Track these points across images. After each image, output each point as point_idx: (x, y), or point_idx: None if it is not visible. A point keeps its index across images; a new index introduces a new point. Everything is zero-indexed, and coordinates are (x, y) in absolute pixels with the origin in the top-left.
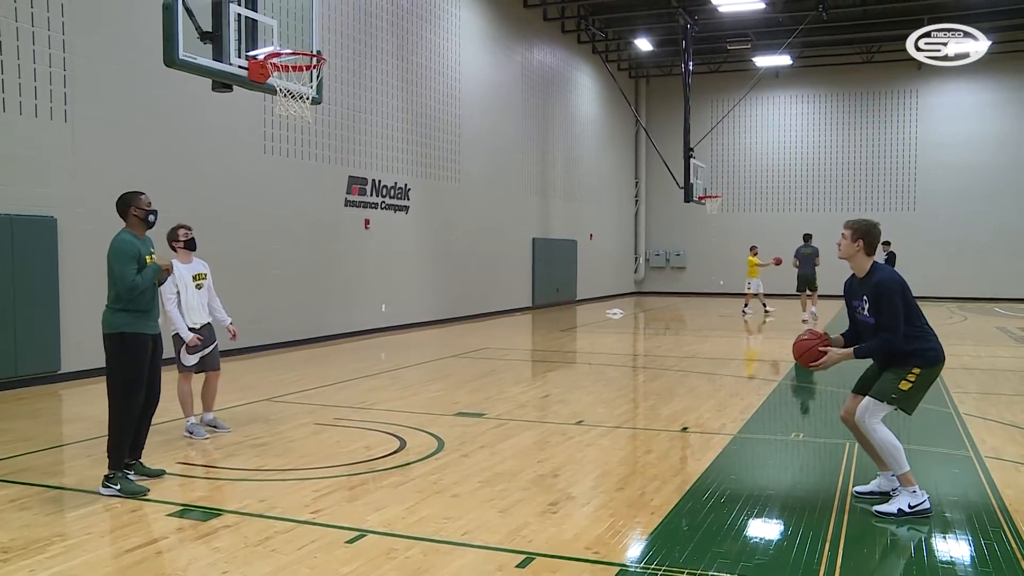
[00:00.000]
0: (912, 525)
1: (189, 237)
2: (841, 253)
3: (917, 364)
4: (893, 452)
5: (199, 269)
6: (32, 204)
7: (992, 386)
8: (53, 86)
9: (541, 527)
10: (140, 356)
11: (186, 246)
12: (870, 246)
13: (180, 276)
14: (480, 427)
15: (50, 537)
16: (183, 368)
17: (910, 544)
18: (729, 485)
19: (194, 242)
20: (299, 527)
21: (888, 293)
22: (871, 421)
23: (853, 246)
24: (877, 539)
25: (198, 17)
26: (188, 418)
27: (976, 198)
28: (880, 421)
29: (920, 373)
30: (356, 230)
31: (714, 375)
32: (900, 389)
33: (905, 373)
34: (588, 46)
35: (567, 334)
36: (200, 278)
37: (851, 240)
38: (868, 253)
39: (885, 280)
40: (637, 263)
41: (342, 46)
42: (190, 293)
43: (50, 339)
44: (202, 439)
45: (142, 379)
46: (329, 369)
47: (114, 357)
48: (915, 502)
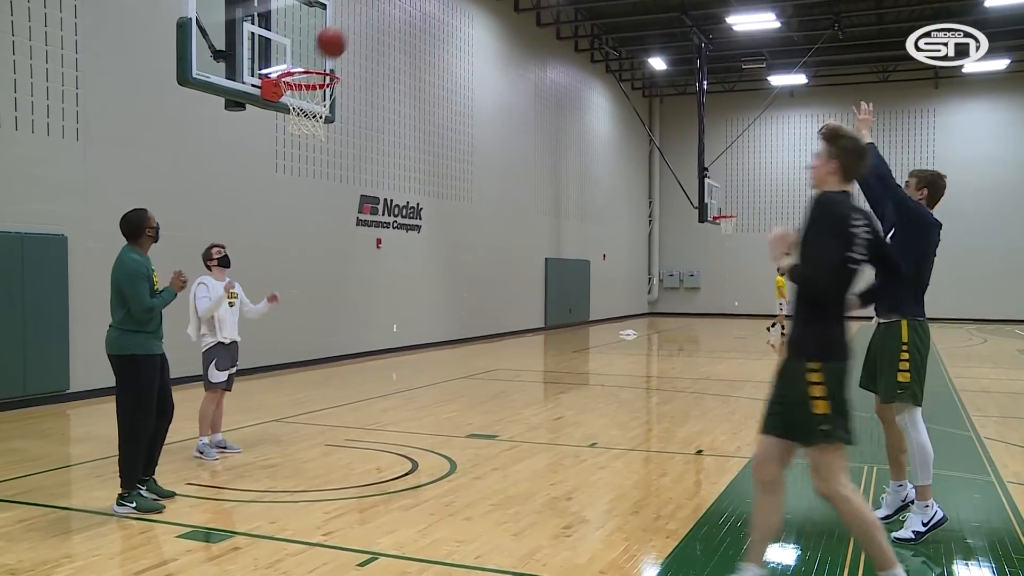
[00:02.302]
0: (933, 549)
1: (222, 255)
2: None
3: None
4: (924, 459)
5: (232, 288)
6: (42, 222)
7: (1013, 410)
8: (65, 104)
9: (555, 551)
10: (150, 377)
11: (220, 263)
12: (932, 198)
13: (214, 291)
14: (492, 449)
15: (58, 559)
16: (211, 385)
17: (932, 572)
18: (745, 509)
19: (228, 259)
20: (310, 549)
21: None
22: (911, 422)
23: (916, 195)
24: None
25: (211, 36)
26: (201, 438)
27: (995, 218)
28: (921, 422)
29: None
30: (368, 249)
31: (729, 397)
32: (900, 382)
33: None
34: (602, 65)
35: (580, 355)
36: (233, 296)
37: (915, 188)
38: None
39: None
40: (651, 283)
41: (355, 65)
42: (224, 309)
43: (59, 358)
44: (212, 460)
45: (152, 399)
46: (340, 390)
47: (125, 379)
48: (927, 518)
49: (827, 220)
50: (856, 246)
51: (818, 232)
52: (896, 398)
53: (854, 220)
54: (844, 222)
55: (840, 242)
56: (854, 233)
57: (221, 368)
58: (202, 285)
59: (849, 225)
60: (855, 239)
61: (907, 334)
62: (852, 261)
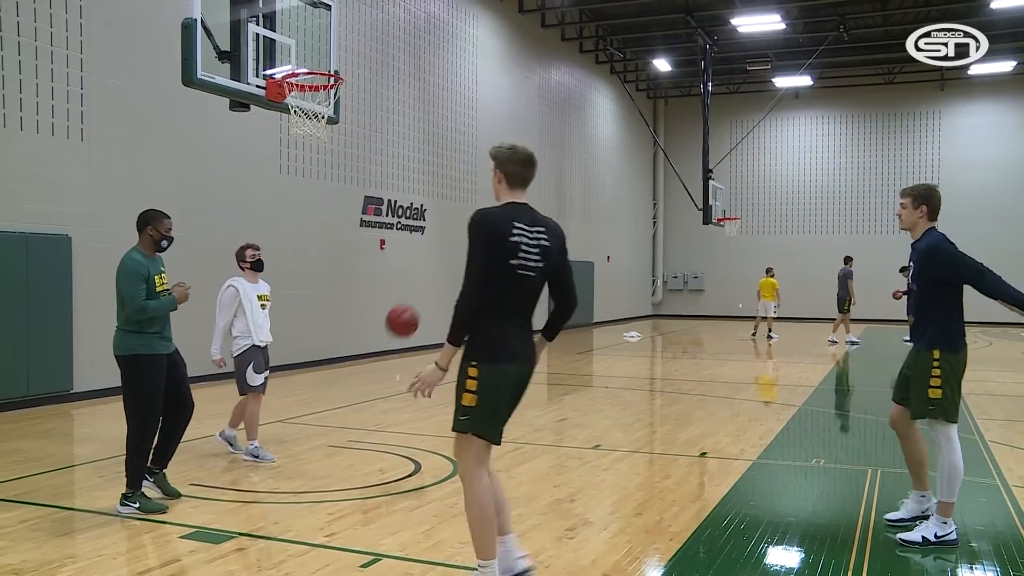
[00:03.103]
0: (938, 555)
1: (256, 258)
2: (903, 223)
3: (936, 346)
4: (953, 478)
5: (263, 290)
6: (47, 222)
7: (1018, 413)
8: (70, 104)
9: (558, 552)
10: (155, 377)
11: (252, 267)
12: (933, 212)
13: (246, 295)
14: (496, 451)
15: (61, 559)
16: (249, 388)
17: (935, 574)
18: (749, 512)
19: (261, 263)
20: (313, 551)
21: (944, 251)
22: (945, 439)
23: (915, 213)
24: (901, 570)
25: (216, 37)
26: (252, 442)
27: (1000, 221)
28: (956, 439)
29: (942, 358)
30: (372, 251)
31: (733, 399)
32: (932, 399)
33: (929, 364)
34: (606, 66)
35: (584, 357)
36: (264, 299)
37: (912, 207)
38: (930, 220)
39: (933, 243)
40: (655, 285)
41: (359, 66)
42: (256, 312)
43: (63, 358)
44: (269, 461)
45: (157, 399)
46: (343, 391)
47: (129, 379)
48: (942, 532)
49: (477, 233)
50: (521, 255)
51: (470, 244)
52: (927, 414)
53: (514, 230)
54: (497, 233)
55: (492, 252)
56: (516, 243)
57: (258, 371)
58: (231, 288)
59: (509, 235)
60: (518, 248)
61: (939, 355)
62: (519, 268)
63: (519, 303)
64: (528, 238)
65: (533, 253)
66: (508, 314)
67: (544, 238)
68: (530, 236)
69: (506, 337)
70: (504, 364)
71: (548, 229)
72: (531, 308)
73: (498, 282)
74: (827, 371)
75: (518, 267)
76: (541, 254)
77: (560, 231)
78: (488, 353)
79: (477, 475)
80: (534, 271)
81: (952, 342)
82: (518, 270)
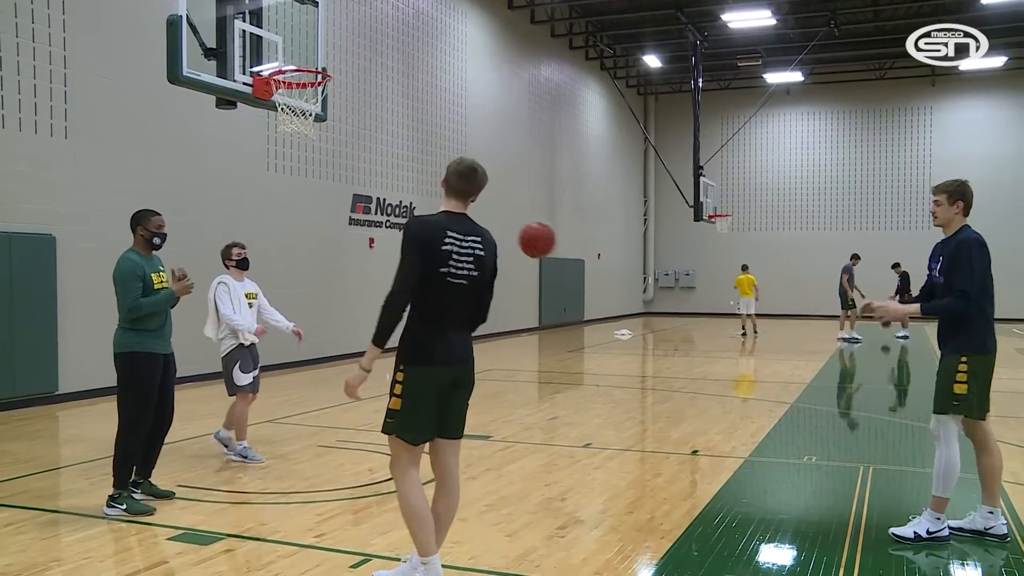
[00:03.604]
0: (929, 551)
1: (242, 256)
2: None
3: (964, 351)
4: (948, 474)
5: (250, 288)
6: (31, 221)
7: (1011, 409)
8: (54, 102)
9: (549, 551)
10: (150, 375)
11: (238, 265)
12: (968, 208)
13: (234, 293)
14: (486, 450)
15: (47, 562)
16: (237, 389)
17: (927, 571)
18: (740, 509)
19: (247, 261)
20: (302, 551)
21: (968, 250)
22: (944, 435)
23: (951, 209)
24: (893, 566)
25: (202, 33)
26: (240, 442)
27: (992, 217)
28: (955, 436)
29: (970, 364)
30: (360, 249)
31: (724, 397)
32: (956, 394)
33: (955, 369)
34: (596, 62)
35: (574, 355)
36: (251, 297)
37: (948, 204)
38: (965, 215)
39: (968, 237)
40: (646, 283)
41: (347, 63)
42: (243, 311)
43: (48, 359)
44: (257, 461)
45: (151, 399)
46: (332, 390)
47: (124, 377)
48: (934, 528)
49: (410, 239)
50: (452, 263)
51: (402, 249)
52: (951, 410)
53: (447, 239)
54: (428, 240)
55: (420, 260)
56: (447, 251)
57: (245, 370)
58: (222, 284)
59: (441, 243)
60: (449, 256)
61: (968, 359)
62: (448, 276)
63: (449, 309)
64: (460, 247)
65: (466, 261)
66: (436, 320)
67: (479, 247)
68: (462, 245)
69: (432, 342)
70: (427, 368)
71: (483, 239)
72: (463, 314)
73: (427, 288)
74: (819, 368)
75: (447, 275)
76: (475, 263)
77: (493, 242)
78: (413, 357)
79: (405, 474)
80: (466, 279)
81: (983, 343)
82: (447, 277)
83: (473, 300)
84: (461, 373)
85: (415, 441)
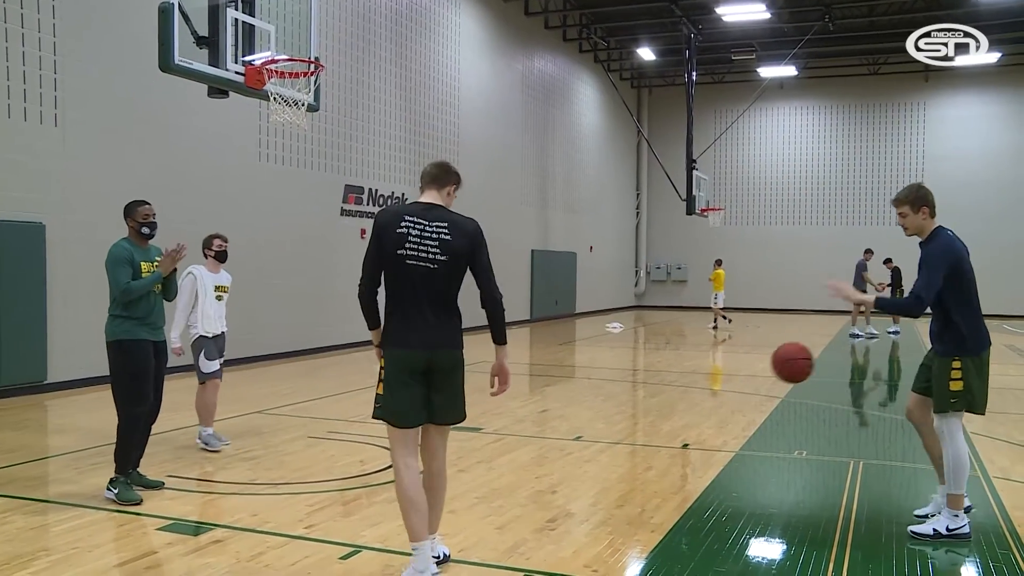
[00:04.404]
0: (920, 543)
1: (222, 249)
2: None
3: (955, 353)
4: (958, 469)
5: (223, 281)
6: (20, 210)
7: (1000, 405)
8: (43, 89)
9: (539, 544)
10: (140, 362)
11: (216, 257)
12: (933, 209)
13: (202, 283)
14: (477, 442)
15: (35, 552)
16: (204, 376)
17: (916, 566)
18: (731, 503)
19: (225, 254)
20: (292, 542)
21: (932, 253)
22: (949, 432)
23: (919, 216)
24: (883, 561)
25: (194, 22)
26: (205, 428)
27: (984, 213)
28: (960, 432)
29: (963, 364)
30: (352, 240)
31: (715, 391)
32: (953, 391)
33: (948, 369)
34: (590, 55)
35: (566, 348)
36: (222, 290)
37: (913, 212)
38: (933, 216)
39: (937, 241)
40: (637, 276)
41: (340, 53)
42: (209, 302)
43: (36, 348)
44: (215, 450)
45: (142, 386)
46: (323, 381)
47: (114, 364)
48: (954, 525)
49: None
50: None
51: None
52: (950, 408)
53: (403, 223)
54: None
55: (377, 245)
56: (402, 234)
57: (210, 358)
58: (190, 275)
59: (396, 227)
60: (405, 239)
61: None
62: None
63: (415, 292)
64: (418, 230)
65: (429, 245)
66: (403, 303)
67: (445, 232)
68: (423, 229)
69: (400, 324)
70: (396, 350)
71: (453, 225)
72: (431, 298)
73: (388, 271)
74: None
75: (405, 257)
76: (441, 247)
77: (471, 229)
78: (387, 341)
79: (399, 458)
80: (433, 263)
81: (975, 345)
82: (406, 260)
83: (442, 282)
84: (434, 357)
85: (399, 424)
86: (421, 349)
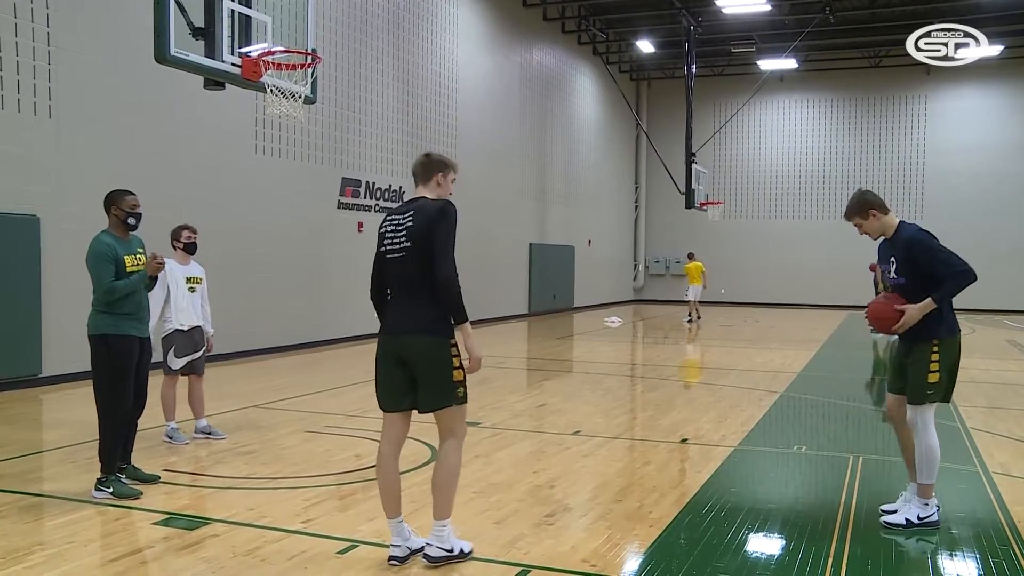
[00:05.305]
0: (920, 538)
1: (192, 240)
2: (872, 235)
3: (933, 336)
4: (931, 460)
5: (195, 272)
6: (15, 202)
7: (1001, 400)
8: (37, 81)
9: (537, 539)
10: (124, 358)
11: (185, 249)
12: (881, 207)
13: (172, 275)
14: (475, 436)
15: (30, 546)
16: (169, 371)
17: (916, 562)
18: (729, 498)
19: (195, 246)
20: (289, 537)
21: (925, 244)
22: (923, 423)
23: (875, 221)
24: (882, 556)
25: (190, 12)
26: (169, 423)
27: (985, 206)
28: (932, 423)
29: (940, 347)
30: (349, 233)
31: (714, 385)
32: (931, 383)
33: (927, 360)
34: (588, 47)
35: (564, 342)
36: (194, 281)
37: (866, 220)
38: (885, 213)
39: (915, 235)
40: (636, 270)
41: (337, 44)
42: (180, 294)
43: (31, 342)
44: (182, 444)
45: (128, 381)
46: (320, 376)
47: (98, 359)
48: (924, 514)
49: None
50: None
51: None
52: (926, 399)
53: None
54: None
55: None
56: (382, 233)
57: (180, 355)
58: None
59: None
60: (384, 237)
61: (938, 344)
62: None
63: (396, 283)
64: (393, 226)
65: (400, 237)
66: (391, 294)
67: (410, 220)
68: (397, 224)
69: (385, 313)
70: (380, 336)
71: (418, 211)
72: (405, 285)
73: (377, 268)
74: (810, 358)
75: (387, 253)
76: (407, 235)
77: (432, 208)
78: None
79: (381, 439)
80: (403, 251)
81: (951, 327)
82: (387, 255)
83: (412, 268)
84: (400, 340)
85: (382, 407)
86: (391, 334)
